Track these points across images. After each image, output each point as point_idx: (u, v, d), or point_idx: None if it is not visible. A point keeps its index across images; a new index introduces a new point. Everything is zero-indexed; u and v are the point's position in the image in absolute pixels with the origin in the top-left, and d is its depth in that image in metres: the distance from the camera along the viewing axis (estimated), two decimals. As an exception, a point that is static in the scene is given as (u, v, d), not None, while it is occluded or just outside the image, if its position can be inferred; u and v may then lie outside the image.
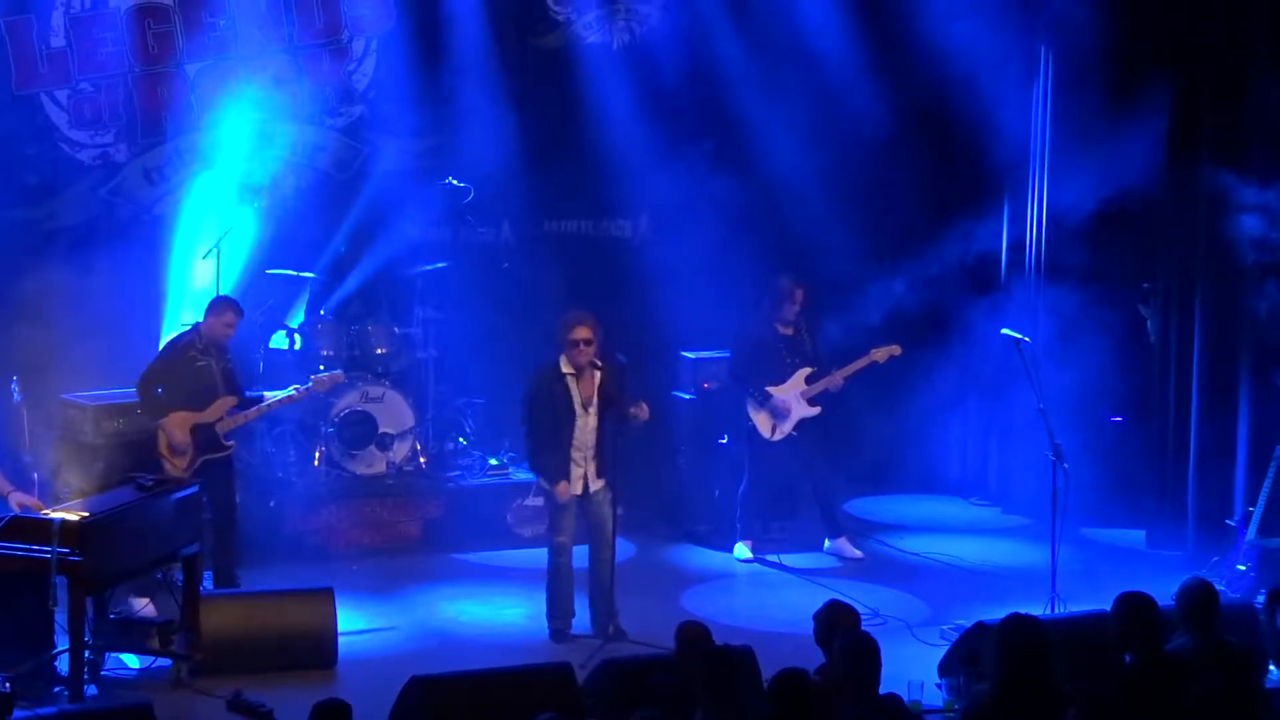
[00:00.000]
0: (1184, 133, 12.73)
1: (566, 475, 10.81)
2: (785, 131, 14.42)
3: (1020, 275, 14.25)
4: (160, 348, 11.77)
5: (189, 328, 11.69)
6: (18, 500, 9.97)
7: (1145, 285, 13.38)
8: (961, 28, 13.52)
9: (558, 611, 10.95)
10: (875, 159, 14.47)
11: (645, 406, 10.83)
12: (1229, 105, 12.47)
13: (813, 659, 7.81)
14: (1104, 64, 13.21)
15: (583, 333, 10.78)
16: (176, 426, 11.14)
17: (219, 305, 11.41)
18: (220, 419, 11.25)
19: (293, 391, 11.60)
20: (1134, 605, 7.88)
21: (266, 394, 11.62)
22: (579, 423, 10.85)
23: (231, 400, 11.31)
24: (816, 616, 8.23)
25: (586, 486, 10.91)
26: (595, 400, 10.86)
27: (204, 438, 11.21)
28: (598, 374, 10.86)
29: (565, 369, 10.85)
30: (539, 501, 11.88)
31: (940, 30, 13.65)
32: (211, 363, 11.29)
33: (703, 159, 14.49)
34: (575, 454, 10.86)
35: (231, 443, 11.37)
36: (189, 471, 11.08)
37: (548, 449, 10.87)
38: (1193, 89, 12.74)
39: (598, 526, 10.95)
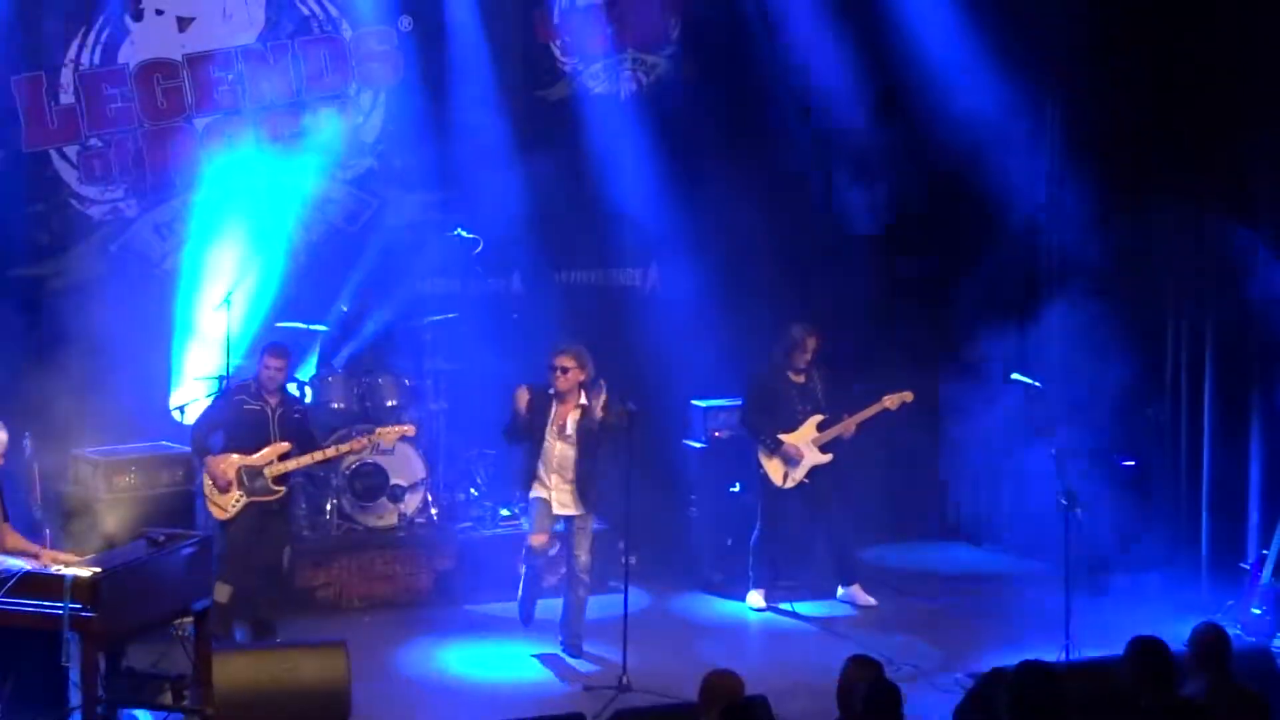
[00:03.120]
0: (1188, 178, 12.77)
1: (530, 484, 11.42)
2: (792, 181, 14.46)
3: (1034, 322, 14.26)
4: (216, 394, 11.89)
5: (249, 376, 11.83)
6: (50, 558, 9.98)
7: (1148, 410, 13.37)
8: (969, 86, 13.63)
9: (529, 610, 11.74)
10: (886, 206, 14.50)
11: (622, 408, 11.34)
12: (1230, 149, 12.49)
13: (827, 709, 7.80)
14: (1111, 118, 13.26)
15: (560, 360, 11.36)
16: (220, 466, 11.28)
17: (261, 350, 11.68)
18: (271, 463, 11.33)
19: (355, 441, 11.70)
20: (1146, 649, 7.89)
21: (329, 445, 11.74)
22: (548, 444, 11.37)
23: (284, 446, 11.42)
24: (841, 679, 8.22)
25: (559, 505, 11.46)
26: (571, 430, 11.37)
27: (252, 480, 11.31)
28: (579, 411, 11.34)
29: (550, 391, 11.42)
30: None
31: (948, 90, 13.76)
32: (266, 408, 11.47)
33: (713, 208, 14.52)
34: (543, 473, 11.42)
35: (281, 489, 11.46)
36: (232, 512, 11.19)
37: (526, 458, 11.55)
38: (1192, 134, 12.79)
39: (571, 552, 11.57)
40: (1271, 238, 12.33)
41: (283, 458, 11.40)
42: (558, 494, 11.47)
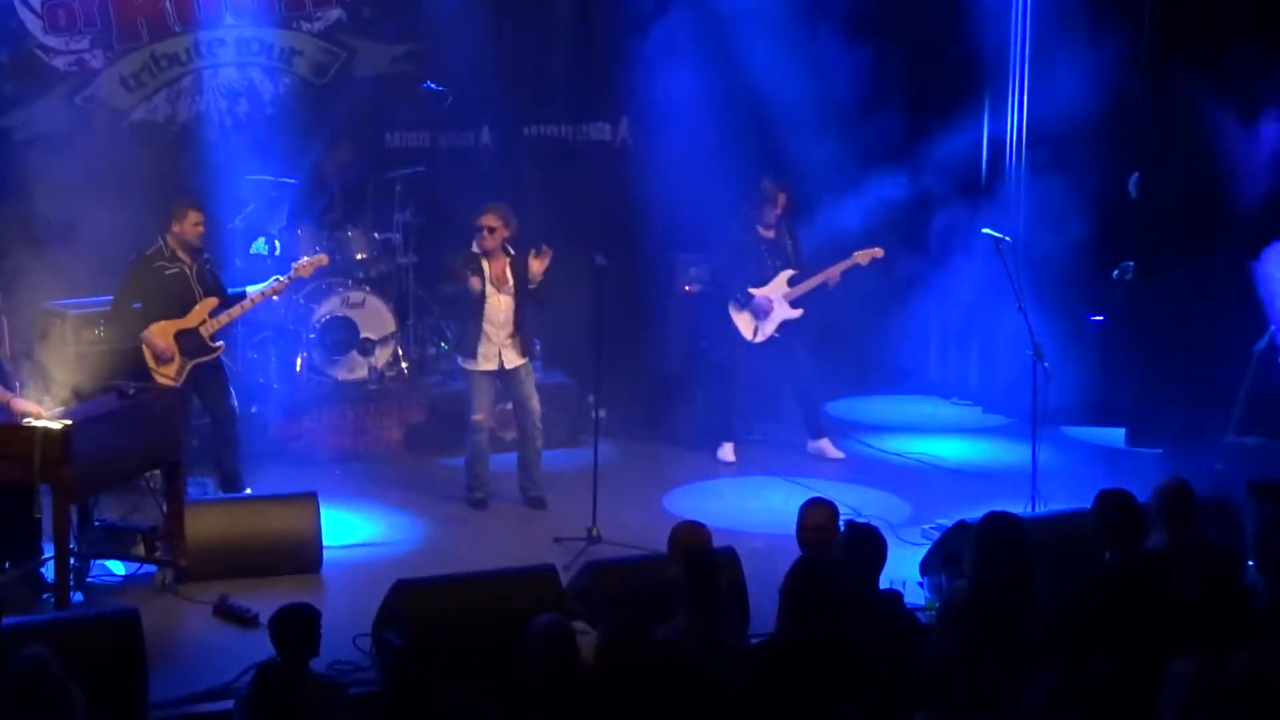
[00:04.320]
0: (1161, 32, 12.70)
1: (475, 352, 11.48)
2: (767, 31, 14.31)
3: (1001, 175, 14.24)
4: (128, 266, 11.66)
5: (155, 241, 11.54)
6: (20, 407, 9.98)
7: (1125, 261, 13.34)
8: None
9: (475, 484, 11.66)
10: (857, 58, 14.37)
11: (546, 251, 11.46)
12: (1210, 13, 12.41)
13: (794, 558, 7.84)
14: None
15: (486, 220, 11.42)
16: (158, 336, 11.12)
17: (179, 209, 11.27)
18: (204, 321, 11.23)
19: (274, 282, 11.57)
20: (1115, 502, 7.97)
21: (249, 289, 11.57)
22: (490, 301, 11.37)
23: (213, 302, 11.27)
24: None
25: (502, 365, 11.48)
26: (508, 281, 11.41)
27: (190, 343, 11.19)
28: (508, 259, 11.41)
29: (475, 250, 11.45)
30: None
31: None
32: (184, 269, 11.22)
33: (684, 60, 14.38)
34: (489, 329, 11.44)
35: (220, 344, 11.36)
36: (180, 379, 11.09)
37: (464, 325, 11.62)
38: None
39: (521, 403, 11.64)
40: (1241, 102, 12.26)
41: (212, 314, 11.28)
42: (504, 349, 11.51)
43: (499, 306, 11.45)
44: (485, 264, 11.45)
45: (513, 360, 11.57)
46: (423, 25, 14.14)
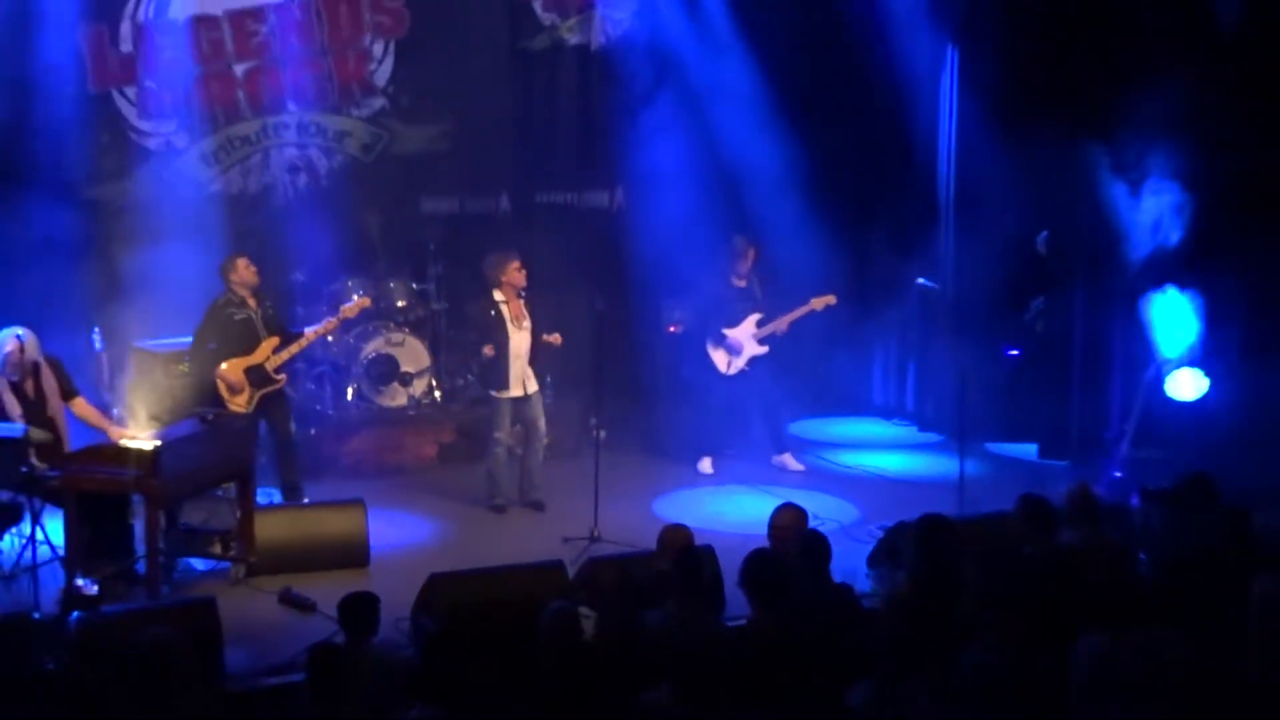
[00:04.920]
0: (1076, 115, 12.72)
1: (507, 383, 11.34)
2: (740, 112, 14.35)
3: (933, 232, 14.24)
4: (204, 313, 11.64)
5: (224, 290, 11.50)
6: (116, 432, 9.95)
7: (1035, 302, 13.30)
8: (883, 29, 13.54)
9: (497, 492, 11.57)
10: (815, 133, 14.38)
11: (558, 336, 11.41)
12: (1110, 106, 12.41)
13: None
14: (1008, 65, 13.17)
15: (517, 262, 11.42)
16: (231, 371, 11.09)
17: (228, 261, 11.25)
18: (268, 358, 11.20)
19: (326, 322, 11.56)
20: (1032, 504, 7.96)
21: (306, 330, 11.55)
22: (514, 338, 11.30)
23: (275, 340, 11.23)
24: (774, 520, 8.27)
25: (525, 391, 11.44)
26: (525, 318, 11.39)
27: (257, 376, 11.16)
28: (522, 300, 11.43)
29: (498, 297, 11.35)
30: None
31: (868, 41, 13.70)
32: (250, 313, 11.20)
33: (669, 138, 14.40)
34: (513, 363, 11.32)
35: (282, 376, 11.31)
36: (250, 407, 11.06)
37: (491, 360, 11.42)
38: (1085, 93, 12.72)
39: (532, 424, 11.57)
40: (1127, 162, 12.26)
41: (275, 351, 11.27)
42: (525, 378, 11.46)
43: (521, 342, 11.41)
44: (505, 307, 11.39)
45: (530, 387, 11.53)
46: (452, 111, 14.19)
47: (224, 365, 11.07)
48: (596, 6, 14.68)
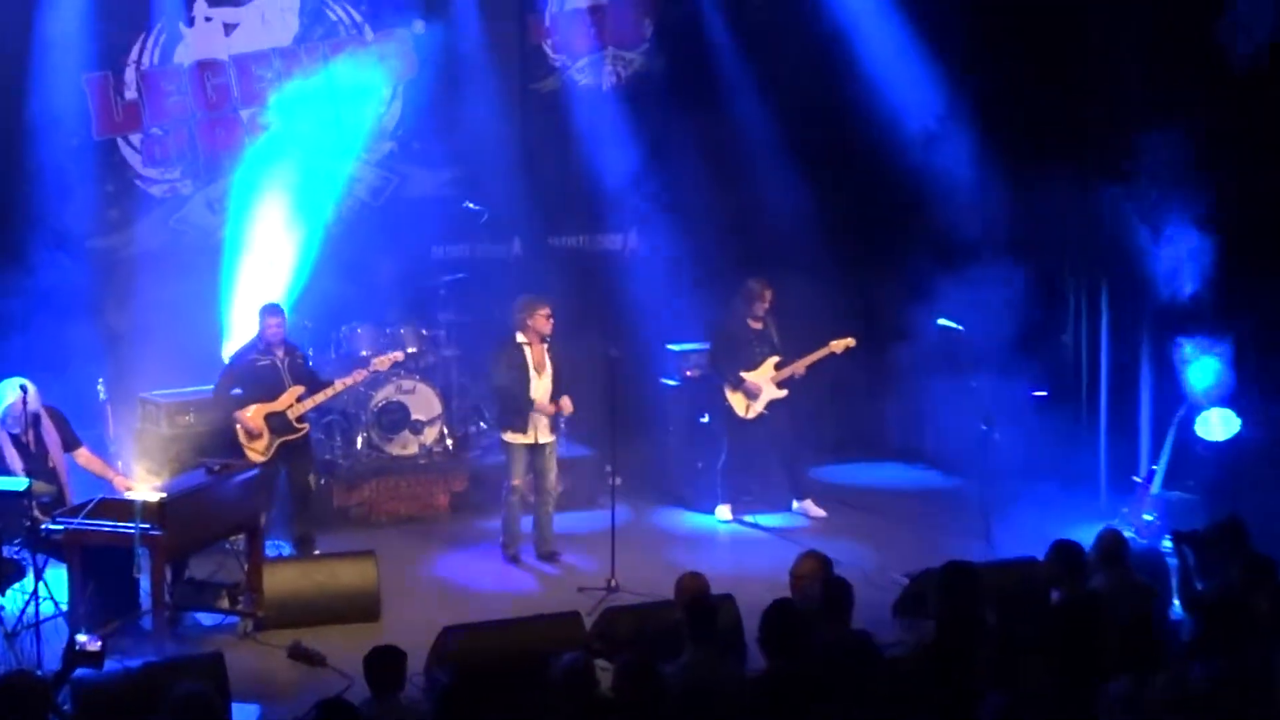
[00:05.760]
0: (1090, 159, 12.75)
1: (526, 426, 11.33)
2: (749, 154, 14.39)
3: (955, 273, 14.21)
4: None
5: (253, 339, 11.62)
6: (121, 483, 9.97)
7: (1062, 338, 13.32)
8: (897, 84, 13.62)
9: (509, 541, 11.52)
10: (834, 181, 14.41)
11: (568, 401, 11.41)
12: (1121, 134, 12.44)
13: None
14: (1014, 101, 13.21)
15: (547, 309, 11.41)
16: (250, 417, 11.16)
17: (259, 312, 11.43)
18: (290, 406, 11.24)
19: (355, 374, 11.61)
20: (1064, 550, 7.94)
21: (335, 381, 11.59)
22: (535, 383, 11.26)
23: (299, 389, 11.29)
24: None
25: (537, 439, 11.43)
26: (546, 365, 11.38)
27: (278, 423, 11.22)
28: (544, 346, 11.41)
29: (520, 339, 11.34)
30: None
31: (881, 88, 13.77)
32: (275, 361, 11.29)
33: (682, 181, 14.45)
34: (529, 410, 11.34)
35: (304, 425, 11.34)
36: (268, 454, 11.13)
37: (512, 403, 11.39)
38: (1091, 121, 12.75)
39: (544, 473, 11.54)
40: (1147, 205, 12.27)
41: (299, 399, 11.30)
42: (539, 426, 11.43)
43: (541, 388, 11.41)
44: (528, 351, 11.40)
45: (545, 436, 11.50)
46: (463, 154, 14.19)
47: (245, 411, 11.12)
48: (608, 48, 14.75)
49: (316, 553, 11.19)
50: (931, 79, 13.74)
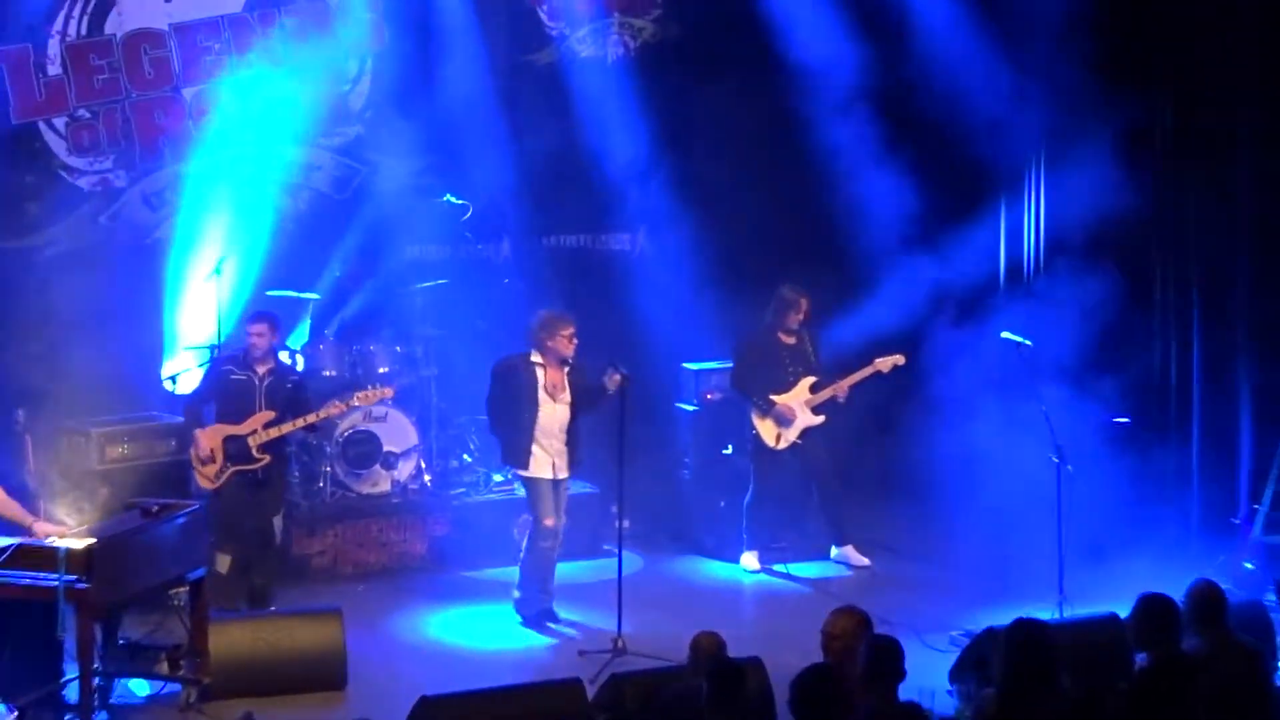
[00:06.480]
0: (1175, 144, 12.78)
1: (526, 461, 11.35)
2: (782, 140, 14.37)
3: (1019, 276, 14.23)
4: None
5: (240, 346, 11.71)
6: (42, 530, 9.97)
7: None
8: (952, 35, 13.59)
9: (537, 595, 11.46)
10: (875, 166, 14.41)
11: (617, 377, 11.18)
12: (1222, 119, 12.48)
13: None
14: (1099, 76, 13.22)
15: (570, 330, 11.37)
16: (206, 437, 11.25)
17: (245, 319, 11.56)
18: (254, 432, 11.28)
19: (332, 406, 11.63)
20: (1153, 605, 7.89)
21: (310, 414, 11.61)
22: (544, 410, 11.27)
23: (269, 415, 11.32)
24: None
25: (555, 474, 11.39)
26: (565, 391, 11.33)
27: (235, 450, 11.27)
28: (565, 369, 11.37)
29: (535, 359, 11.33)
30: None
31: (932, 39, 13.71)
32: (251, 378, 11.37)
33: (701, 169, 14.46)
34: (541, 438, 11.30)
35: (264, 457, 11.36)
36: (217, 483, 11.21)
37: (512, 433, 11.39)
38: (1186, 101, 12.79)
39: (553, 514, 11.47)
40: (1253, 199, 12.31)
41: (265, 426, 11.33)
42: (557, 459, 11.43)
43: (553, 416, 11.40)
44: (541, 372, 11.42)
45: (562, 472, 11.49)
46: (443, 139, 14.18)
47: (205, 429, 11.26)
48: (614, 14, 14.77)
49: (272, 609, 11.18)
50: (1001, 58, 13.77)
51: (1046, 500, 11.52)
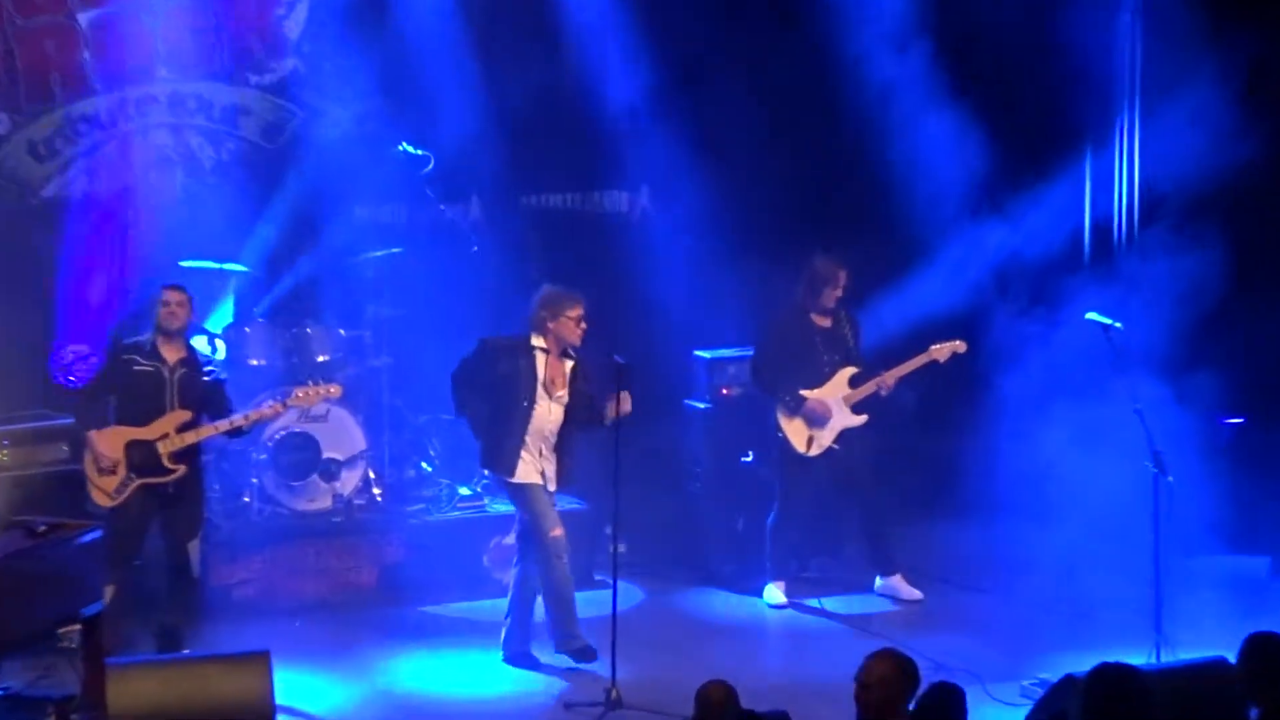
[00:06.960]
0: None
1: (511, 467, 11.35)
2: (818, 74, 14.35)
3: (1109, 247, 14.25)
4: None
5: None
6: None
7: None
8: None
9: (569, 626, 11.43)
10: (932, 112, 14.41)
11: (627, 398, 11.20)
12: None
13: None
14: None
15: (577, 310, 11.40)
16: (104, 441, 11.14)
17: (159, 287, 11.47)
18: (164, 436, 11.20)
19: (266, 407, 11.58)
20: (1269, 649, 7.88)
21: (236, 414, 11.55)
22: (539, 407, 11.32)
23: (183, 415, 11.24)
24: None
25: (545, 482, 11.46)
26: (563, 389, 11.37)
27: (141, 457, 11.18)
28: (570, 363, 11.39)
29: (537, 343, 11.37)
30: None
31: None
32: (160, 369, 11.28)
33: (717, 115, 14.44)
34: (530, 440, 11.35)
35: (178, 468, 11.29)
36: (119, 498, 11.15)
37: (495, 431, 11.44)
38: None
39: None
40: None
41: (181, 429, 11.26)
42: (547, 466, 11.45)
43: (546, 415, 11.41)
44: (540, 361, 11.42)
45: (551, 484, 11.52)
46: (396, 77, 14.21)
47: (103, 430, 11.17)
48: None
49: (186, 652, 11.16)
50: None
51: (1140, 519, 11.52)
